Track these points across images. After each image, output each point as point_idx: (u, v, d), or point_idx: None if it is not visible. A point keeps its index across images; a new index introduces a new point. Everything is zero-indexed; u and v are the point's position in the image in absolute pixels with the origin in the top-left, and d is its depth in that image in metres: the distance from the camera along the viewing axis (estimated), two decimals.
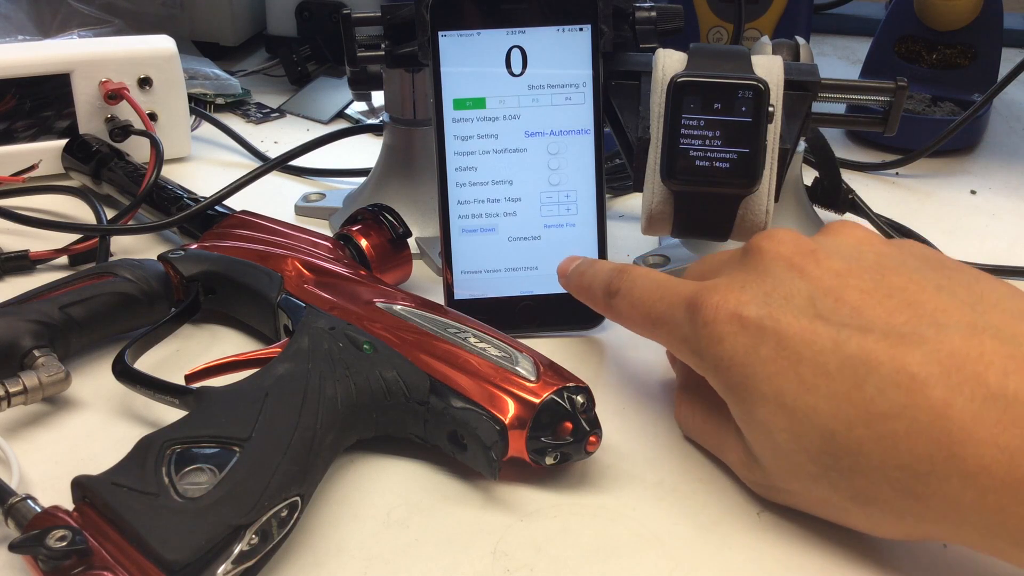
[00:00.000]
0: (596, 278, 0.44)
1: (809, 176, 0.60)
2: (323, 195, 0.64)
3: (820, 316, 0.34)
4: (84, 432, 0.43)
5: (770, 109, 0.44)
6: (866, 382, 0.32)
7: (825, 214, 0.60)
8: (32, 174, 0.63)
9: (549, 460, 0.39)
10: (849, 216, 0.61)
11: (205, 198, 0.56)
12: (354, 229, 0.52)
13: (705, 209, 0.46)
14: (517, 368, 0.40)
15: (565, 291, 0.50)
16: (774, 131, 0.45)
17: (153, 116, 0.68)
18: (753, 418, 0.35)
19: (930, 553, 0.36)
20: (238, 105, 0.82)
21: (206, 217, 0.55)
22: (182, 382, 0.41)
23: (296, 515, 0.35)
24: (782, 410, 0.34)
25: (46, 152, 0.65)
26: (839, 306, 0.34)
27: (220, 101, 0.81)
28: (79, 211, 0.63)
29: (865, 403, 0.32)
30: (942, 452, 0.31)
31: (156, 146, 0.60)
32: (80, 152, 0.64)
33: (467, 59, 0.48)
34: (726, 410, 0.38)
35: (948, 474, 0.31)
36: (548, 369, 0.40)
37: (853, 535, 0.36)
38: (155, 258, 0.49)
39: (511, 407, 0.38)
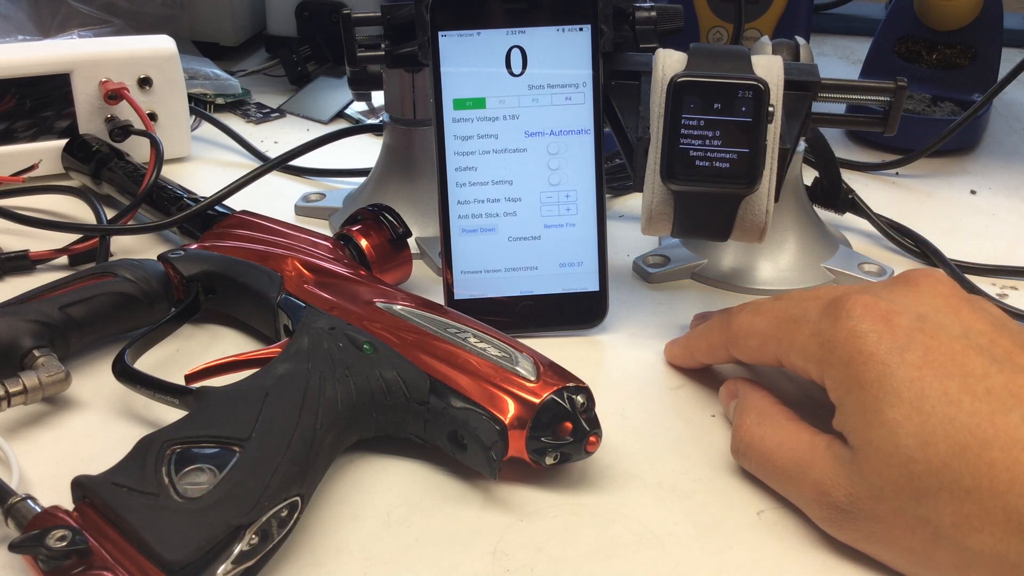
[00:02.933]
0: (707, 323, 0.45)
1: (809, 176, 0.60)
2: (323, 195, 0.64)
3: (973, 348, 0.35)
4: (84, 432, 0.43)
5: (770, 109, 0.44)
6: (1013, 411, 0.33)
7: (825, 214, 0.60)
8: (32, 174, 0.63)
9: (549, 460, 0.39)
10: (849, 216, 0.61)
11: (205, 198, 0.56)
12: (354, 229, 0.52)
13: (705, 209, 0.46)
14: (517, 368, 0.40)
15: (565, 291, 0.50)
16: (774, 131, 0.45)
17: (153, 116, 0.68)
18: (880, 417, 0.34)
19: None
20: (238, 105, 0.82)
21: (206, 217, 0.55)
22: (182, 382, 0.41)
23: (296, 515, 0.35)
24: (917, 414, 0.33)
25: (46, 152, 0.65)
26: (993, 346, 0.35)
27: (220, 101, 0.81)
28: (79, 211, 0.63)
29: (1008, 428, 0.32)
30: None
31: (156, 146, 0.60)
32: (80, 152, 0.64)
33: (467, 59, 0.48)
34: (809, 432, 0.37)
35: None
36: (548, 369, 0.40)
37: None
38: (155, 258, 0.49)
39: (511, 407, 0.38)
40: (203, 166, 0.72)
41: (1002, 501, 0.32)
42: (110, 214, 0.60)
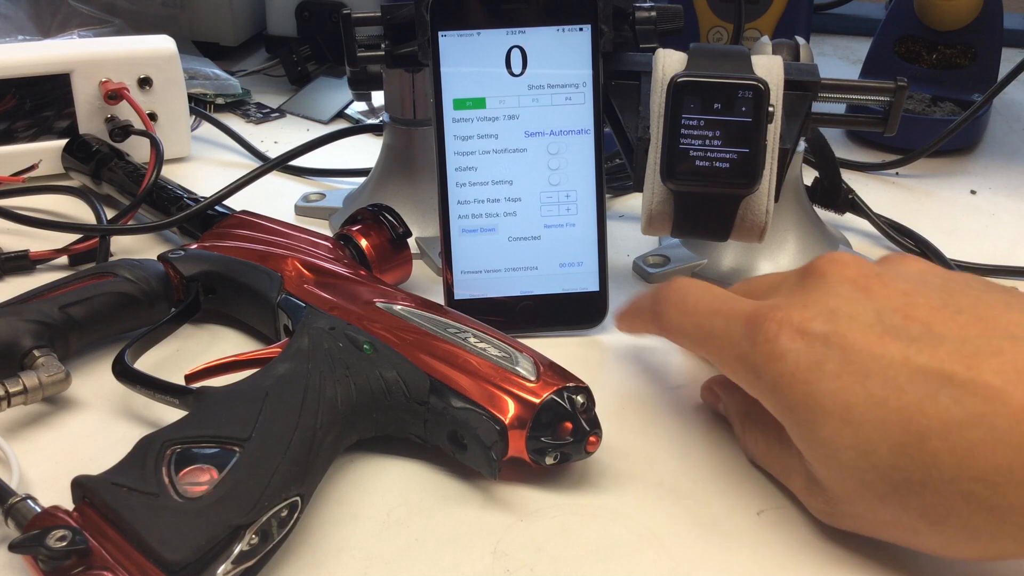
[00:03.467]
0: (644, 296, 0.44)
1: (809, 176, 0.60)
2: (323, 195, 0.64)
3: (888, 332, 0.34)
4: (84, 432, 0.43)
5: (770, 109, 0.44)
6: (940, 393, 0.32)
7: (825, 214, 0.60)
8: (32, 174, 0.63)
9: (549, 460, 0.39)
10: (849, 216, 0.61)
11: (205, 198, 0.56)
12: (354, 229, 0.52)
13: (705, 209, 0.46)
14: (517, 368, 0.40)
15: (565, 291, 0.50)
16: (774, 131, 0.45)
17: (153, 116, 0.68)
18: (816, 437, 0.34)
19: (930, 558, 0.36)
20: (238, 105, 0.82)
21: (206, 217, 0.55)
22: (182, 382, 0.41)
23: (296, 515, 0.35)
24: (848, 427, 0.33)
25: (46, 152, 0.65)
26: (908, 323, 0.34)
27: (220, 101, 0.81)
28: (79, 211, 0.63)
29: (939, 413, 0.32)
30: (1020, 459, 0.30)
31: (156, 146, 0.60)
32: (80, 152, 0.64)
33: (467, 59, 0.48)
34: (786, 435, 0.37)
35: None
36: (548, 369, 0.40)
37: (853, 536, 0.36)
38: (155, 258, 0.49)
39: (511, 407, 0.38)
40: (203, 166, 0.72)
41: (955, 487, 0.31)
42: (110, 214, 0.60)
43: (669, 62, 0.45)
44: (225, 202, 0.56)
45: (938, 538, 0.33)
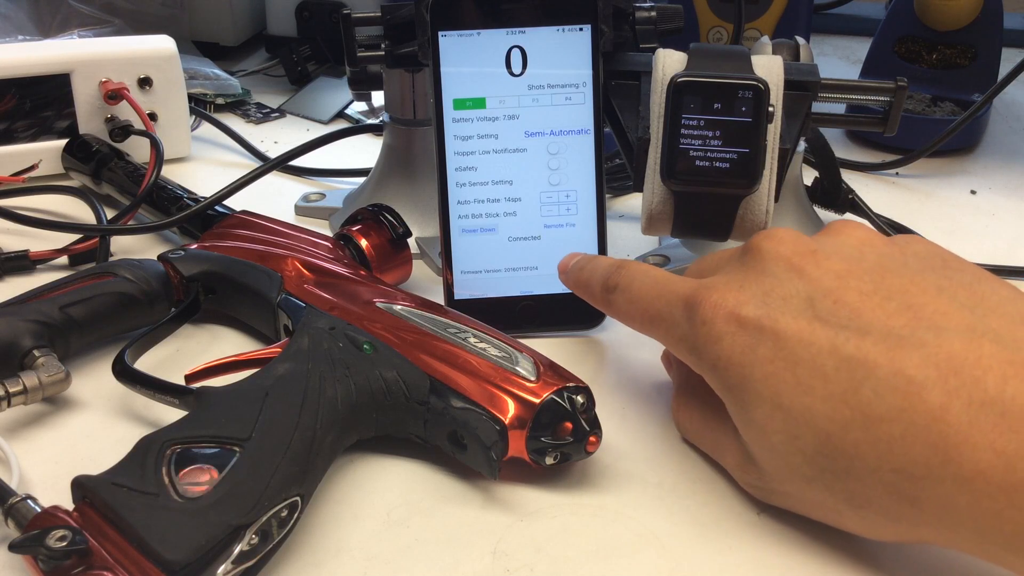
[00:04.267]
0: (595, 273, 0.44)
1: (809, 176, 0.60)
2: (323, 195, 0.64)
3: (819, 318, 0.34)
4: (84, 432, 0.43)
5: (770, 109, 0.44)
6: (863, 385, 0.32)
7: (825, 214, 0.60)
8: (32, 174, 0.63)
9: (549, 460, 0.39)
10: (849, 216, 0.61)
11: (205, 198, 0.56)
12: (354, 229, 0.52)
13: (705, 209, 0.46)
14: (517, 368, 0.40)
15: (565, 291, 0.50)
16: (774, 131, 0.45)
17: (153, 116, 0.68)
18: (750, 418, 0.35)
19: (929, 554, 0.36)
20: (238, 105, 0.82)
21: (206, 217, 0.55)
22: (182, 382, 0.41)
23: (296, 515, 0.35)
24: (778, 411, 0.34)
25: (46, 152, 0.65)
26: (838, 308, 0.34)
27: (220, 101, 0.81)
28: (79, 211, 0.63)
29: (862, 406, 0.32)
30: (938, 456, 0.31)
31: (156, 146, 0.60)
32: (80, 152, 0.64)
33: (467, 59, 0.48)
34: (724, 412, 0.37)
35: (943, 478, 0.31)
36: (548, 369, 0.40)
37: (853, 536, 0.36)
38: (155, 258, 0.49)
39: (511, 407, 0.38)
40: (203, 166, 0.72)
41: (877, 477, 0.32)
42: (110, 214, 0.60)
43: (669, 62, 0.45)
44: (225, 202, 0.56)
45: (861, 522, 0.34)
